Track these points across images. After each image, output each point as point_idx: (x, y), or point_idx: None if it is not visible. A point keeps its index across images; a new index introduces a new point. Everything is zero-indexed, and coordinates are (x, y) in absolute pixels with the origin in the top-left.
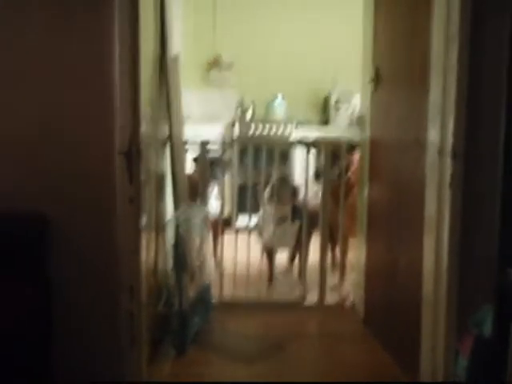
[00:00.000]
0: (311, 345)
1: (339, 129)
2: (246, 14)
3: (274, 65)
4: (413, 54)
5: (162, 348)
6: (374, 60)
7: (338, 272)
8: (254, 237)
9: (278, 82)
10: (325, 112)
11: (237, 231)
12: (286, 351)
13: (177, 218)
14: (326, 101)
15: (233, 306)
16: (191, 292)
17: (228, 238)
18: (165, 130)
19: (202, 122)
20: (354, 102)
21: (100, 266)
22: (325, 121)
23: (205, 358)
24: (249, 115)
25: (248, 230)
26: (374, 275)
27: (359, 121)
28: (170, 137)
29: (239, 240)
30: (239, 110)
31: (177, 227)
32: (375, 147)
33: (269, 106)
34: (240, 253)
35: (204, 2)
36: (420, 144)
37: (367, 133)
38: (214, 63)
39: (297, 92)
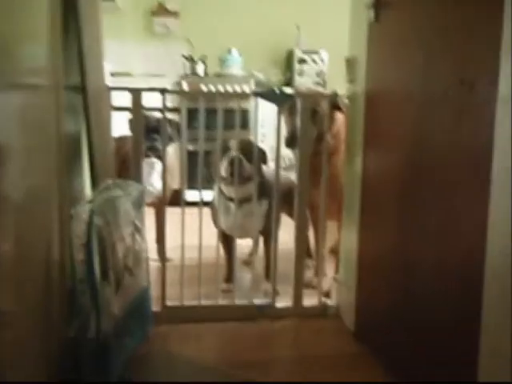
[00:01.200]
0: (287, 372)
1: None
2: None
3: (227, 14)
4: None
5: None
6: None
7: (312, 264)
8: (207, 217)
9: (232, 35)
10: (287, 70)
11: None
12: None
13: (92, 203)
14: (289, 57)
15: (180, 314)
16: (118, 305)
17: (174, 218)
18: (75, 79)
19: (145, 78)
20: (321, 59)
21: None
22: (287, 81)
23: None
24: (200, 71)
25: (200, 207)
26: (372, 272)
27: (348, 65)
28: (83, 86)
29: (190, 220)
30: (188, 65)
31: (91, 217)
32: (375, 101)
33: (222, 62)
34: (190, 238)
35: None
36: (470, 88)
37: (361, 82)
38: (158, 11)
39: (254, 46)
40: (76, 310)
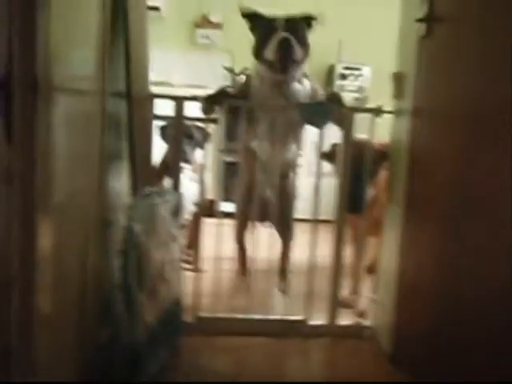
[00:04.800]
0: None
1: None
2: None
3: None
4: None
5: None
6: None
7: (349, 281)
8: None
9: None
10: (328, 85)
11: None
12: None
13: (130, 211)
14: (330, 72)
15: (213, 326)
16: (151, 314)
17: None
18: (121, 85)
19: (185, 89)
20: (362, 74)
21: None
22: None
23: None
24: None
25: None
26: (412, 293)
27: (395, 80)
28: (128, 93)
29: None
30: (229, 76)
31: (129, 223)
32: (423, 117)
33: None
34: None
35: None
36: None
37: (409, 98)
38: (202, 23)
39: None
40: (110, 317)
